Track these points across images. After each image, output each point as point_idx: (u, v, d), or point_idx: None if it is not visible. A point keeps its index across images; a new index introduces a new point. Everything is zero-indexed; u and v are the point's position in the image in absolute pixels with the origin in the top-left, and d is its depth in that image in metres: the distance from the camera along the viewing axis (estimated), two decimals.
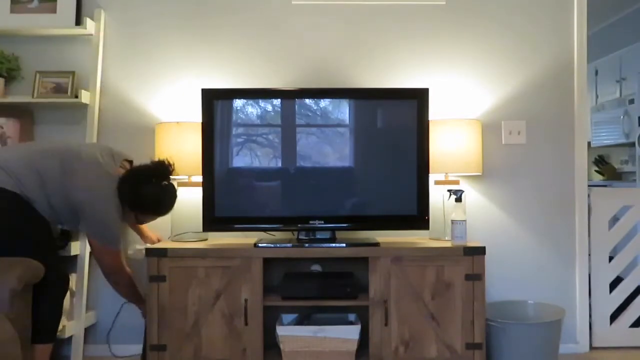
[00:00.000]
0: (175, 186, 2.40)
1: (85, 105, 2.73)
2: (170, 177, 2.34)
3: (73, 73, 2.75)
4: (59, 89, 2.73)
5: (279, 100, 2.51)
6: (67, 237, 2.55)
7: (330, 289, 2.40)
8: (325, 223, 2.48)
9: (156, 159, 2.36)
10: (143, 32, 2.83)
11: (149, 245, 2.53)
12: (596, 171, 5.51)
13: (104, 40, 2.82)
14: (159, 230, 2.77)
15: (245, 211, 2.48)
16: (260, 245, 2.41)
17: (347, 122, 2.52)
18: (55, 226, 2.27)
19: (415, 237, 2.73)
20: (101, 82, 2.80)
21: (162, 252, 2.38)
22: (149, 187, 2.27)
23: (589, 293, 2.83)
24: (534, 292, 2.81)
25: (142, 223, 2.43)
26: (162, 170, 2.32)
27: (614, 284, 2.86)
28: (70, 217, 2.23)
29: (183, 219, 2.58)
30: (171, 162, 2.35)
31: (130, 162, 2.39)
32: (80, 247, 2.63)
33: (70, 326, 2.57)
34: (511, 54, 2.83)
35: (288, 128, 2.51)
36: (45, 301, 2.13)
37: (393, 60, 2.83)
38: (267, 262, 2.47)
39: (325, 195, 2.49)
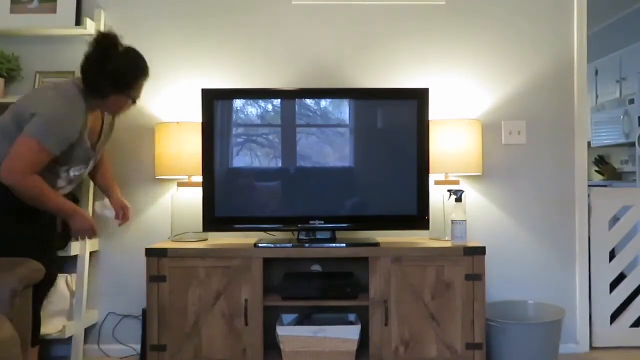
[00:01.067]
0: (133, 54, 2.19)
1: None
2: (119, 41, 2.12)
3: (73, 73, 2.75)
4: None
5: (279, 100, 2.51)
6: (67, 237, 2.54)
7: (330, 289, 2.40)
8: (325, 223, 2.48)
9: (93, 37, 2.13)
10: (143, 32, 2.83)
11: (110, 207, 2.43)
12: (596, 171, 5.51)
13: None
14: (159, 231, 2.78)
15: (245, 211, 2.49)
16: (260, 245, 2.41)
17: (347, 122, 2.52)
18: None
19: (415, 237, 2.73)
20: None
21: (162, 252, 2.38)
22: (112, 62, 2.08)
23: (589, 293, 2.83)
24: (534, 292, 2.81)
25: (136, 99, 2.20)
26: (109, 42, 2.10)
27: (614, 284, 2.86)
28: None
29: (183, 219, 2.58)
30: (109, 32, 2.12)
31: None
32: (80, 247, 2.63)
33: (70, 326, 2.56)
34: (511, 54, 2.84)
35: (288, 128, 2.51)
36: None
37: (393, 60, 2.83)
38: (267, 262, 2.47)
39: (325, 195, 2.49)
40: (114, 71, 2.07)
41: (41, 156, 1.98)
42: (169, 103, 2.82)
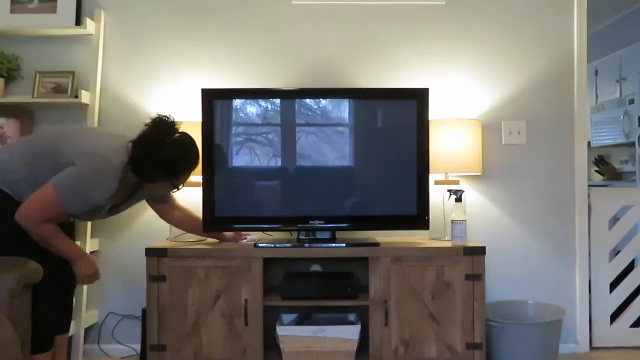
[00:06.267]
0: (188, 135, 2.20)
1: (85, 105, 2.73)
2: (175, 127, 2.14)
3: (73, 73, 2.75)
4: (59, 89, 2.73)
5: (279, 100, 2.51)
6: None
7: (330, 289, 2.40)
8: (325, 223, 2.48)
9: (150, 120, 2.15)
10: (143, 32, 2.83)
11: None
12: (596, 171, 5.51)
13: (104, 40, 2.82)
14: (159, 231, 2.77)
15: (245, 211, 2.48)
16: (260, 245, 2.41)
17: (347, 122, 2.52)
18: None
19: (415, 237, 2.73)
20: (101, 82, 2.79)
21: (162, 252, 2.38)
22: (166, 150, 2.07)
23: (589, 293, 2.83)
24: (534, 292, 2.81)
25: (179, 187, 2.20)
26: (166, 127, 2.12)
27: (614, 284, 2.86)
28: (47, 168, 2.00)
29: None
30: (168, 115, 2.15)
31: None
32: (80, 247, 2.62)
33: (71, 326, 2.56)
34: (511, 54, 2.84)
35: (288, 128, 2.51)
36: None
37: (393, 60, 2.83)
38: (267, 262, 2.47)
39: (326, 196, 2.49)
40: (167, 161, 2.07)
41: (61, 212, 2.00)
42: (169, 103, 2.81)
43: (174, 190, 2.22)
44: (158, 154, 2.06)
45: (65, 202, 1.97)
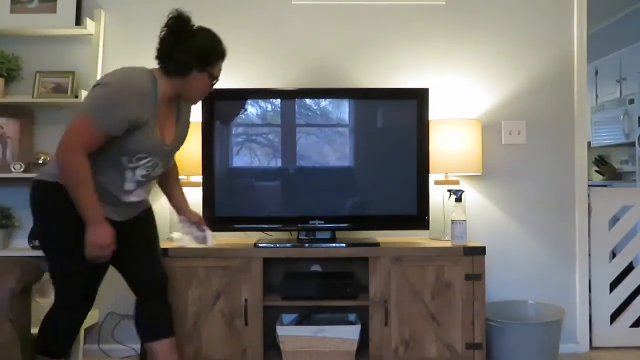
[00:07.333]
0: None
1: None
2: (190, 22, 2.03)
3: (73, 73, 2.76)
4: (59, 89, 2.73)
5: (279, 100, 2.51)
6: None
7: (330, 289, 2.40)
8: (325, 223, 2.48)
9: (167, 18, 2.02)
10: (143, 32, 2.83)
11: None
12: (596, 171, 5.50)
13: (104, 40, 2.82)
14: (159, 230, 2.76)
15: (246, 211, 2.49)
16: (260, 245, 2.41)
17: (347, 122, 2.53)
18: None
19: (415, 237, 2.73)
20: None
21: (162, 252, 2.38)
22: (196, 36, 1.99)
23: (589, 293, 2.83)
24: (534, 292, 2.81)
25: (215, 78, 2.07)
26: (187, 19, 2.02)
27: (614, 284, 2.86)
28: None
29: None
30: (178, 10, 2.03)
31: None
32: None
33: None
34: (511, 54, 2.83)
35: (288, 128, 2.51)
36: None
37: (393, 60, 2.83)
38: (267, 262, 2.47)
39: (326, 195, 2.49)
40: (200, 47, 1.98)
41: (97, 134, 1.83)
42: None
43: (212, 84, 2.07)
44: (189, 42, 1.97)
45: (96, 118, 1.81)
